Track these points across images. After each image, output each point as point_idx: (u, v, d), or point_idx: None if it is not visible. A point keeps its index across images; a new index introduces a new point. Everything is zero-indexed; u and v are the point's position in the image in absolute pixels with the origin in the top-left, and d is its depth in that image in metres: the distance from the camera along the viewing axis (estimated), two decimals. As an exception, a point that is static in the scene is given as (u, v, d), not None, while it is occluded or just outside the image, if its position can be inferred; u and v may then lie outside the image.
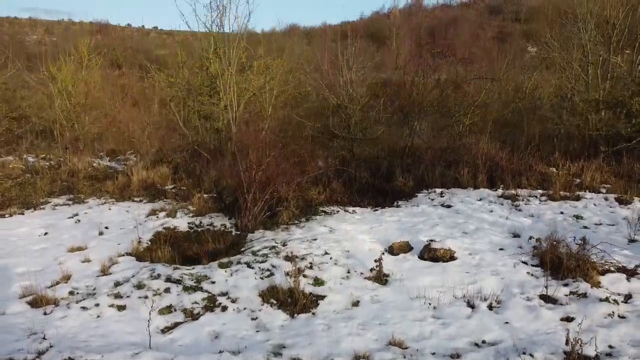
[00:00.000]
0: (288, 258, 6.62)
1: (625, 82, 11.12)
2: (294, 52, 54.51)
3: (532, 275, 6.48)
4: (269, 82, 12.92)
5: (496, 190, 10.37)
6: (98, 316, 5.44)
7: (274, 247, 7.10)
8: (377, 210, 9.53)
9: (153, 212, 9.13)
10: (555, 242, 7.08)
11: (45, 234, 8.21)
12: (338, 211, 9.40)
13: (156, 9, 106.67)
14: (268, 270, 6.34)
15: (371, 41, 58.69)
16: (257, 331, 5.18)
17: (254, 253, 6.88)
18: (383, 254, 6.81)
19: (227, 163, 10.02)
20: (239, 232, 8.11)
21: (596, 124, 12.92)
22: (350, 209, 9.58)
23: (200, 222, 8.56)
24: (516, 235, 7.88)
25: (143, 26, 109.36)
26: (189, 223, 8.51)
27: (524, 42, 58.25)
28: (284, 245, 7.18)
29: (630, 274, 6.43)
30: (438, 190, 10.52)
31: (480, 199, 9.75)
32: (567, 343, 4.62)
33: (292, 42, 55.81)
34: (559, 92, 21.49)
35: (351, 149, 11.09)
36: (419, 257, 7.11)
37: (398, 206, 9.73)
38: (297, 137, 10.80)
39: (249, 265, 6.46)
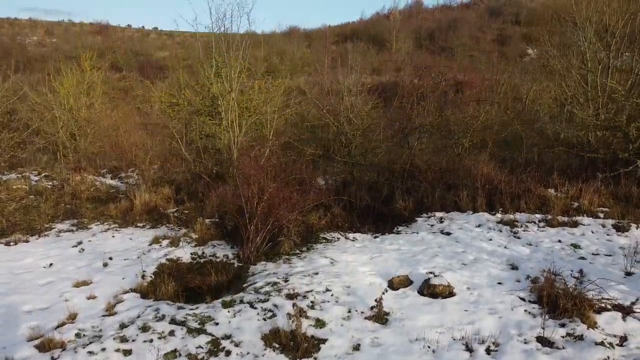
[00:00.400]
0: (290, 296, 6.75)
1: (621, 104, 11.17)
2: (295, 55, 54.51)
3: (529, 313, 6.59)
4: (269, 102, 13.01)
5: (495, 214, 10.50)
6: (104, 361, 5.56)
7: (275, 283, 7.22)
8: (377, 237, 9.66)
9: (156, 240, 9.26)
10: (552, 277, 7.23)
11: (50, 265, 8.33)
12: (339, 238, 9.53)
13: (156, 8, 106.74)
14: (270, 310, 6.45)
15: (371, 44, 58.84)
16: (261, 378, 5.30)
17: (256, 290, 7.00)
18: (383, 293, 6.93)
19: (229, 188, 10.14)
20: (241, 264, 8.24)
21: (596, 140, 13.10)
22: (351, 235, 9.71)
23: (203, 252, 8.69)
24: (514, 267, 7.99)
25: (143, 27, 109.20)
26: (192, 254, 8.64)
27: (523, 45, 58.51)
28: (285, 281, 7.29)
29: (625, 312, 6.55)
30: (438, 215, 10.65)
31: (479, 225, 9.88)
32: (562, 396, 4.74)
33: (293, 46, 55.91)
34: (558, 102, 21.65)
35: (351, 172, 11.22)
36: (418, 293, 7.23)
37: (398, 232, 9.86)
38: (299, 159, 10.90)
39: (251, 305, 6.58)
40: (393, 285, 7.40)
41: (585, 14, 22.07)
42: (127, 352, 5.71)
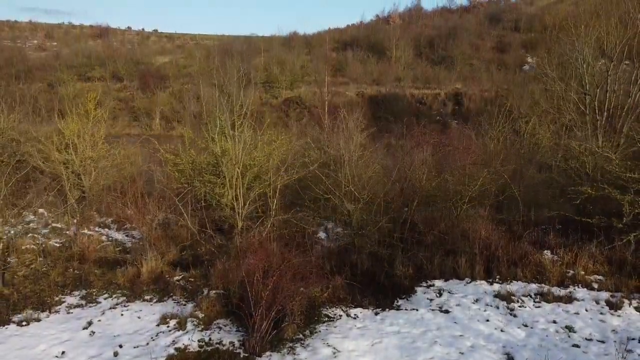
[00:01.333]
0: (295, 404, 7.06)
1: (613, 172, 11.39)
2: (295, 65, 54.55)
3: (523, 420, 6.91)
4: (270, 159, 13.23)
5: (492, 284, 10.84)
6: None
7: (281, 386, 7.53)
8: (378, 313, 9.96)
9: (164, 321, 9.57)
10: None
11: (63, 353, 8.63)
12: (340, 315, 9.84)
13: (156, 8, 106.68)
14: None
15: (371, 52, 59.03)
16: None
17: (262, 396, 7.31)
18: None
19: (233, 263, 10.46)
20: (247, 354, 8.53)
21: (593, 172, 13.53)
22: (352, 312, 10.01)
23: (210, 339, 8.98)
24: (510, 358, 8.30)
25: (143, 29, 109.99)
26: (198, 340, 8.92)
27: (523, 53, 58.70)
28: (290, 383, 7.60)
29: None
30: (437, 285, 10.97)
31: (477, 300, 10.19)
32: None
33: (293, 55, 56.00)
34: (556, 134, 21.96)
35: (353, 241, 11.54)
36: (417, 393, 7.56)
37: (398, 308, 10.17)
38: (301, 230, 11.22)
39: (258, 417, 6.89)
40: (393, 383, 7.72)
41: (584, 37, 22.44)
42: None
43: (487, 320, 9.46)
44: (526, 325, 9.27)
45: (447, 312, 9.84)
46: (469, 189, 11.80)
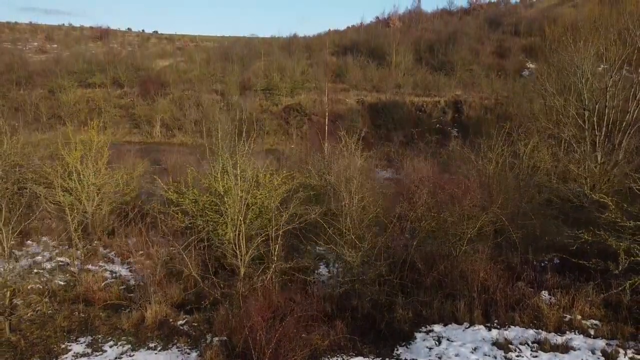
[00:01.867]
0: None
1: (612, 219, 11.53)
2: (295, 71, 54.52)
3: None
4: (272, 198, 13.42)
5: (490, 329, 11.03)
6: None
7: None
8: (378, 363, 10.18)
9: (169, 373, 9.79)
10: None
11: (71, 410, 8.85)
12: (342, 366, 10.06)
13: (156, 9, 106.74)
14: None
15: (371, 57, 58.98)
16: None
17: None
18: None
19: (236, 311, 10.67)
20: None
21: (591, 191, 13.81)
22: (353, 363, 10.23)
23: (214, 398, 9.20)
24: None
25: (143, 30, 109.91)
26: (203, 399, 9.15)
27: (523, 58, 58.65)
28: None
29: None
30: (436, 330, 11.16)
31: (475, 349, 10.38)
32: None
33: (293, 62, 55.96)
34: (555, 156, 22.15)
35: (354, 287, 11.75)
36: None
37: (398, 357, 10.36)
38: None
39: None
40: None
41: (583, 53, 22.61)
42: None
43: (485, 374, 9.68)
44: (523, 379, 9.49)
45: (445, 363, 10.05)
46: (467, 231, 12.00)
